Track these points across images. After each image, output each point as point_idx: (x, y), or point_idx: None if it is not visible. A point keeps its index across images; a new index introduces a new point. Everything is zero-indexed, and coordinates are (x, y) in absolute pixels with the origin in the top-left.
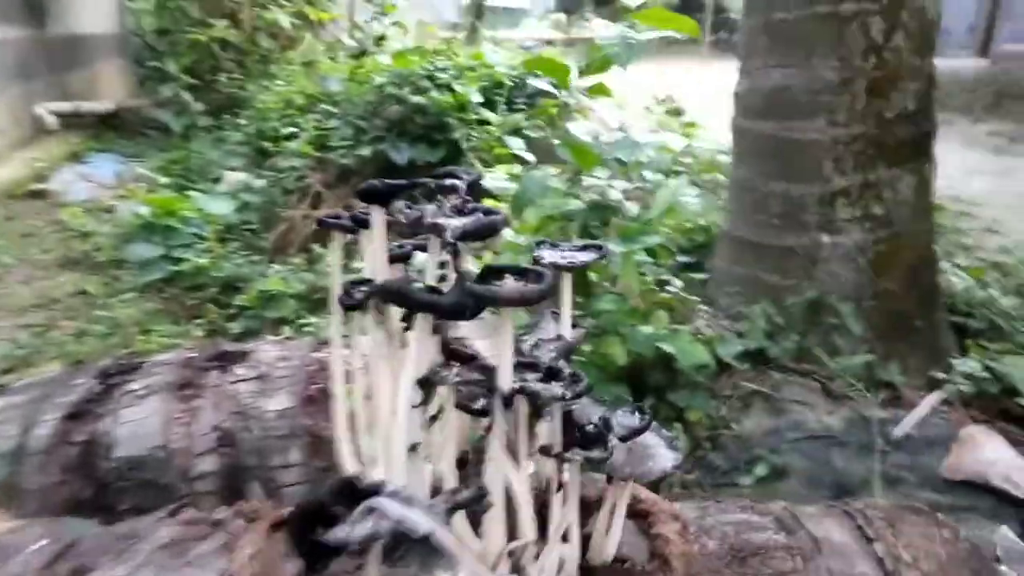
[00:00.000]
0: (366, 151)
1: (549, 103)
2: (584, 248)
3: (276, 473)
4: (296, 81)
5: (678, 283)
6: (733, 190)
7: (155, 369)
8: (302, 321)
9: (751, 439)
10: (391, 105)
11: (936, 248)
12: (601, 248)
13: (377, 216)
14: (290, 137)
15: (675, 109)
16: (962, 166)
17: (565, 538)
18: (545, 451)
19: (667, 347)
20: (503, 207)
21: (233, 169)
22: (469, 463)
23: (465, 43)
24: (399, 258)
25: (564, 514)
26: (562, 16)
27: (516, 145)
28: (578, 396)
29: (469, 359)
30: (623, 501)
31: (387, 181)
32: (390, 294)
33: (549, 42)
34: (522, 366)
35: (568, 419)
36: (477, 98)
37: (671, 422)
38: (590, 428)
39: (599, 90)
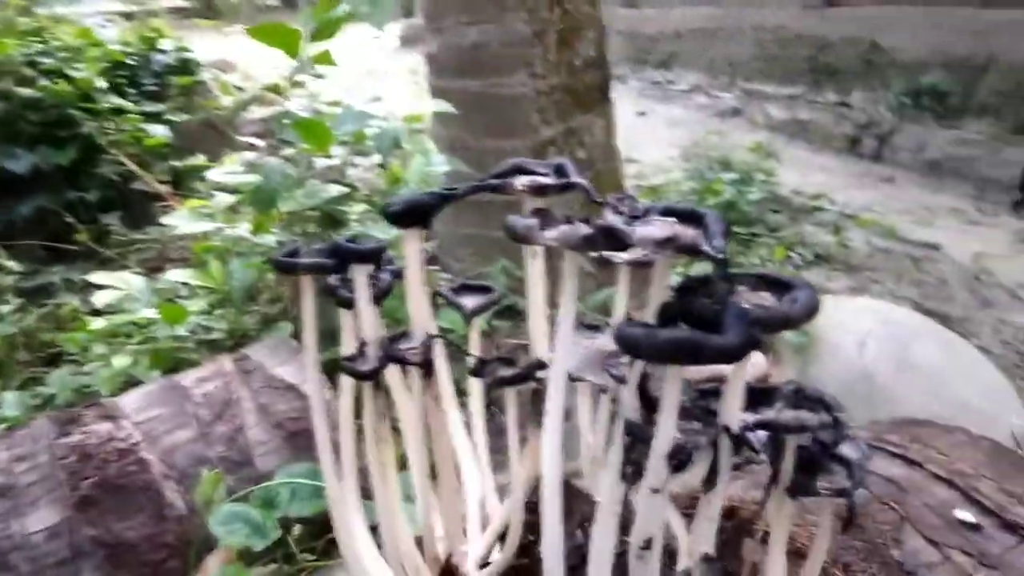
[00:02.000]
0: None
1: (274, 83)
2: (668, 212)
3: None
4: None
5: None
6: (443, 151)
7: None
8: None
9: None
10: None
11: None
12: (700, 213)
13: (414, 245)
14: None
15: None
16: None
17: None
18: (794, 491)
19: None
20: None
21: None
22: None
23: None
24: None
25: None
26: None
27: (161, 132)
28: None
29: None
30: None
31: (436, 191)
32: (663, 348)
33: (126, 15)
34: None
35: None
36: (101, 83)
37: None
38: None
39: (324, 59)
